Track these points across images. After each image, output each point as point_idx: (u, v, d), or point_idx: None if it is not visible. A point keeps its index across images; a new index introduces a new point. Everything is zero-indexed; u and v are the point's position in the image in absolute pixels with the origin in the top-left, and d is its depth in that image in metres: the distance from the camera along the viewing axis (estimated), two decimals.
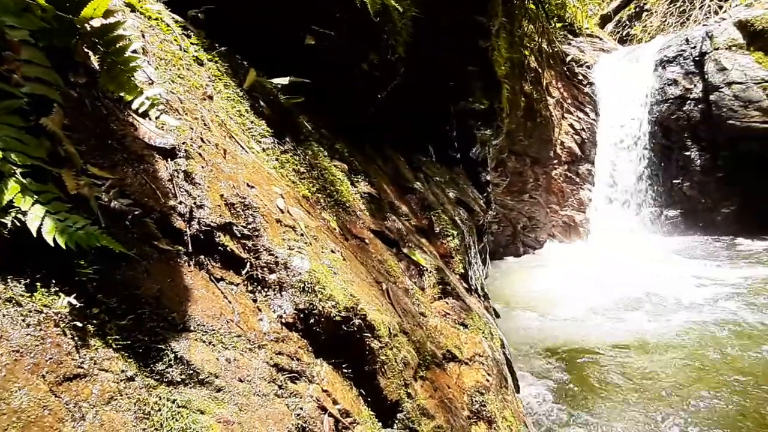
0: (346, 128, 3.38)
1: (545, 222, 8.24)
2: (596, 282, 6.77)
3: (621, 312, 5.82)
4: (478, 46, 5.23)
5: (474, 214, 3.96)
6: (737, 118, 8.06)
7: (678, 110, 8.56)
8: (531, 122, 8.13)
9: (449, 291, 2.83)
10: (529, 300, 6.35)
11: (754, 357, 4.45)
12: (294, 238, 1.96)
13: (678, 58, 8.69)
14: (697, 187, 8.45)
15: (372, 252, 2.55)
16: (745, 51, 8.21)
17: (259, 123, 2.56)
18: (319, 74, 3.26)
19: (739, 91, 8.09)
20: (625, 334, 5.25)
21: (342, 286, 1.92)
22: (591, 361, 4.65)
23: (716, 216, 8.34)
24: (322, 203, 2.53)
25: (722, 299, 5.87)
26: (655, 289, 6.40)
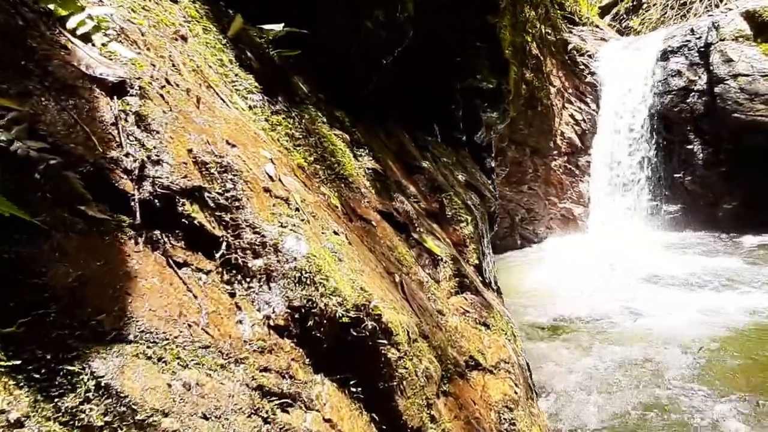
0: (346, 97, 2.88)
1: (544, 214, 7.82)
2: (595, 276, 6.37)
3: (623, 307, 5.41)
4: (486, 21, 4.77)
5: (485, 200, 3.49)
6: (742, 111, 7.69)
7: (681, 102, 8.17)
8: (532, 111, 7.68)
9: (467, 285, 2.36)
10: (529, 293, 5.92)
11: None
12: (287, 213, 1.47)
13: (682, 49, 8.28)
14: (699, 182, 8.08)
15: (380, 236, 2.07)
16: (752, 42, 7.83)
17: (246, 77, 2.05)
18: (319, 31, 2.76)
19: (745, 83, 7.72)
20: (632, 329, 4.85)
21: (350, 276, 1.44)
22: (597, 358, 4.22)
23: (718, 211, 7.98)
24: (321, 176, 2.04)
25: (722, 293, 5.50)
26: (656, 284, 6.01)
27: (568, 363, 4.18)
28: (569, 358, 4.25)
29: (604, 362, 4.20)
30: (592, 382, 3.84)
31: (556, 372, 4.05)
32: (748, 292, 5.43)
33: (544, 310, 5.20)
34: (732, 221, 7.80)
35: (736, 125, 7.83)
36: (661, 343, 4.36)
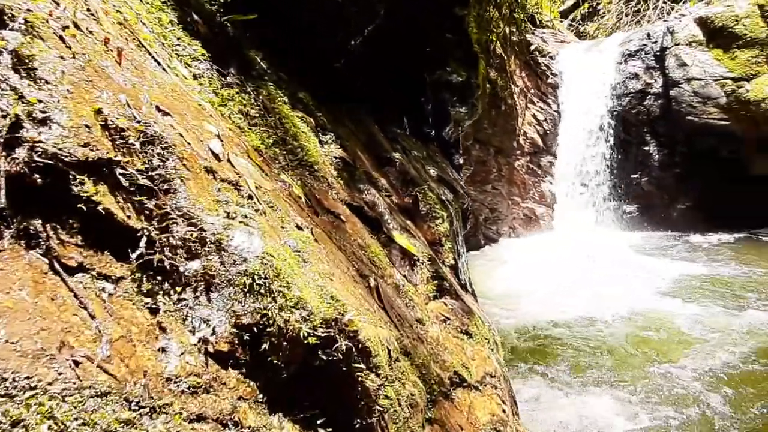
0: (311, 79, 2.54)
1: (507, 214, 7.66)
2: (558, 275, 6.23)
3: (584, 305, 5.24)
4: (454, 13, 4.51)
5: (458, 196, 3.22)
6: (696, 114, 7.75)
7: (638, 104, 8.18)
8: (496, 110, 7.50)
9: (446, 288, 2.06)
10: (494, 293, 5.71)
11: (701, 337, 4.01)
12: (237, 200, 1.12)
13: (639, 53, 8.30)
14: (655, 183, 8.10)
15: (350, 233, 1.74)
16: (705, 48, 7.90)
17: (190, 41, 1.68)
18: (280, 5, 2.41)
19: (698, 87, 7.78)
20: (591, 327, 4.68)
21: (317, 282, 1.10)
22: (559, 354, 4.00)
23: (672, 211, 8.03)
24: (281, 161, 1.69)
25: (675, 292, 5.42)
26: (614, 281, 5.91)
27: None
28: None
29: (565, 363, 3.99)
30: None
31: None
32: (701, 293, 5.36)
33: (511, 313, 4.99)
34: (686, 221, 7.85)
35: (690, 128, 7.88)
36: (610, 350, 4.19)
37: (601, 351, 3.95)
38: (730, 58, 7.76)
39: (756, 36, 7.56)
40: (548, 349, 3.91)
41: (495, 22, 8.06)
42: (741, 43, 7.68)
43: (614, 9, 11.42)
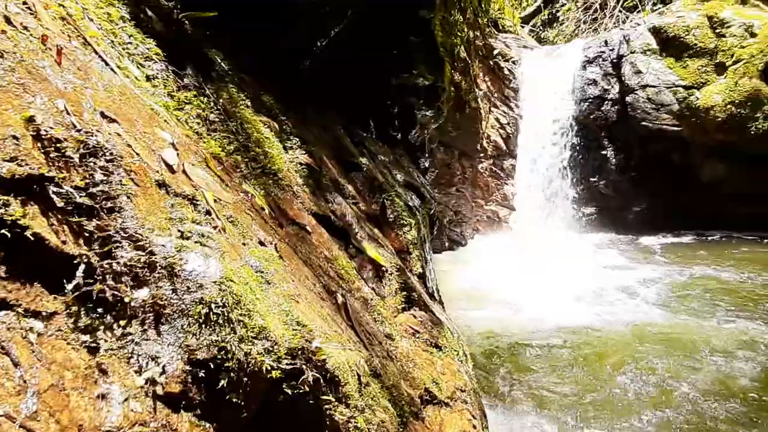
0: (276, 81, 2.42)
1: (470, 216, 7.68)
2: (521, 276, 6.28)
3: (547, 305, 5.29)
4: (420, 16, 4.46)
5: (426, 202, 3.16)
6: (650, 120, 7.98)
7: (597, 110, 8.36)
8: (460, 113, 7.51)
9: (415, 299, 1.99)
10: (458, 295, 5.69)
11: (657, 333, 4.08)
12: (192, 217, 1.01)
13: (597, 60, 8.48)
14: (612, 186, 8.30)
15: (317, 245, 1.64)
16: (659, 56, 8.14)
17: (144, 39, 1.55)
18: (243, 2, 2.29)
19: (652, 94, 8.01)
20: (553, 326, 4.70)
21: (282, 306, 1.01)
22: (524, 354, 3.99)
23: (628, 215, 8.24)
24: (243, 169, 1.58)
25: (631, 292, 5.55)
26: (576, 282, 5.99)
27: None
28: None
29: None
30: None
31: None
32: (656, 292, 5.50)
33: (475, 315, 4.98)
34: (640, 223, 8.07)
35: (644, 133, 8.10)
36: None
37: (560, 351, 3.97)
38: (682, 67, 8.02)
39: (705, 46, 7.84)
40: (512, 352, 3.89)
41: (459, 25, 8.07)
42: (692, 52, 7.95)
43: (573, 17, 11.67)
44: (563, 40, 11.45)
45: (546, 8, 12.31)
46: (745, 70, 7.39)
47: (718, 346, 3.79)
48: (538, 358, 3.74)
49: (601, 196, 8.35)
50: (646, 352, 3.72)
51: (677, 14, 8.22)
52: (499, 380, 3.34)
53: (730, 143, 7.52)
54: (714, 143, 7.64)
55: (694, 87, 7.83)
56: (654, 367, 3.53)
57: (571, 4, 12.29)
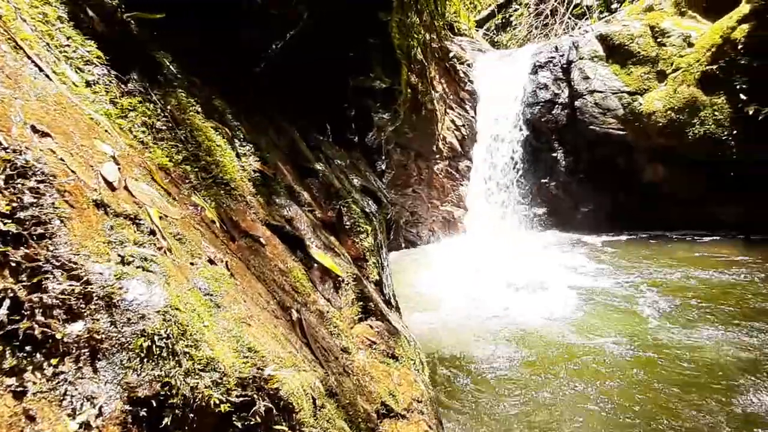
0: (227, 84, 2.33)
1: (426, 217, 7.73)
2: (475, 276, 6.38)
3: (500, 304, 5.39)
4: (378, 18, 4.43)
5: (382, 207, 3.13)
6: (597, 124, 8.26)
7: (548, 113, 8.58)
8: (416, 115, 7.54)
9: (371, 309, 1.96)
10: (414, 296, 5.72)
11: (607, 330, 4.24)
12: (135, 239, 0.95)
13: (548, 65, 8.71)
14: (562, 187, 8.55)
15: (270, 257, 1.59)
16: (605, 63, 8.44)
17: (84, 42, 1.45)
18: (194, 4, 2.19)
19: (599, 99, 8.29)
20: (507, 326, 4.79)
21: (232, 331, 0.96)
22: (478, 356, 4.04)
23: (576, 215, 8.51)
24: (193, 180, 1.51)
25: (578, 291, 5.72)
26: (526, 280, 6.13)
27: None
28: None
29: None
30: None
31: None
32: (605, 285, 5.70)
33: (429, 317, 5.01)
34: (588, 223, 8.35)
35: (592, 136, 8.38)
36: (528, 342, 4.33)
37: (510, 356, 4.04)
38: (627, 74, 8.35)
39: (648, 54, 8.18)
40: (463, 358, 3.93)
41: (416, 28, 8.11)
42: (635, 59, 8.28)
43: (525, 21, 11.94)
44: (516, 44, 11.71)
45: (500, 12, 12.54)
46: (683, 78, 7.76)
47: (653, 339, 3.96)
48: (487, 362, 3.79)
49: (552, 197, 8.60)
50: (590, 353, 3.84)
51: (622, 23, 8.54)
52: (453, 386, 3.37)
53: (671, 147, 7.88)
54: (655, 147, 7.99)
55: (638, 93, 8.16)
56: (592, 364, 3.65)
57: (523, 9, 12.58)
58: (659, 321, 4.39)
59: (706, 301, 4.71)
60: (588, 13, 11.42)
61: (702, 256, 6.47)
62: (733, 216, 7.53)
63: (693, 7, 8.01)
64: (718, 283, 5.26)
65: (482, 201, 8.40)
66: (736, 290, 4.97)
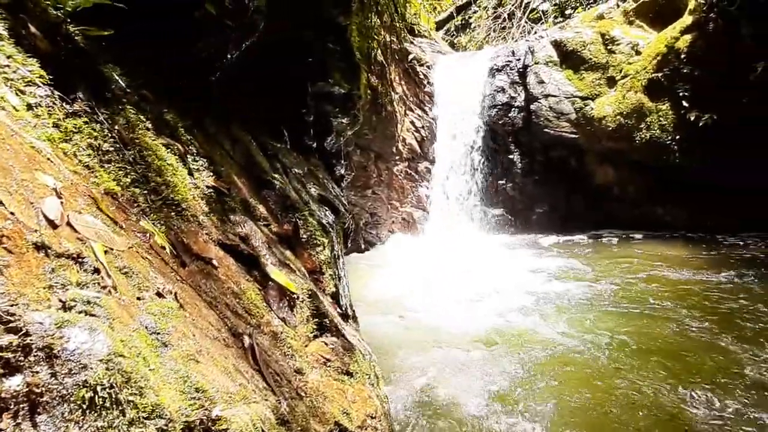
0: (180, 95, 2.29)
1: (386, 218, 7.78)
2: (434, 276, 6.48)
3: (452, 308, 5.49)
4: (337, 23, 4.42)
5: (340, 216, 3.14)
6: (551, 127, 8.51)
7: (505, 116, 8.77)
8: (376, 116, 7.57)
9: (326, 326, 1.98)
10: (374, 298, 5.76)
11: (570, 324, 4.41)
12: (78, 280, 0.93)
13: (506, 68, 8.90)
14: (518, 189, 8.77)
15: (223, 280, 1.58)
16: (559, 68, 8.69)
17: (26, 61, 1.40)
18: (144, 11, 2.13)
19: (553, 103, 8.54)
20: (461, 327, 4.88)
21: (179, 372, 0.96)
22: (429, 365, 4.10)
23: (532, 215, 8.75)
24: (142, 204, 1.48)
25: (529, 292, 5.89)
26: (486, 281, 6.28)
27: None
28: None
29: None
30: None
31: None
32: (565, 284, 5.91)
33: (387, 318, 5.05)
34: (543, 224, 8.60)
35: (546, 139, 8.63)
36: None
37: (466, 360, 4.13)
38: (579, 79, 8.62)
39: (599, 61, 8.48)
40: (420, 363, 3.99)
41: (376, 29, 8.11)
42: (587, 66, 8.57)
43: (484, 24, 12.14)
44: (475, 46, 11.90)
45: (459, 14, 12.70)
46: (631, 84, 8.08)
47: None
48: (440, 365, 3.86)
49: (509, 198, 8.81)
50: (539, 354, 3.97)
51: (575, 30, 8.81)
52: (406, 393, 3.41)
53: (620, 150, 8.20)
54: (605, 150, 8.30)
55: (589, 98, 8.45)
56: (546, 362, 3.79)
57: (482, 12, 12.78)
58: (611, 318, 4.58)
59: (661, 299, 4.93)
60: (544, 17, 11.72)
61: (648, 254, 6.78)
62: (677, 216, 7.92)
63: (641, 16, 8.35)
64: (667, 281, 5.52)
65: (441, 202, 8.52)
66: (687, 287, 5.25)
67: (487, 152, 8.78)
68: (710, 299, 4.84)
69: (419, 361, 3.89)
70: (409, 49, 8.76)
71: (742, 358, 3.60)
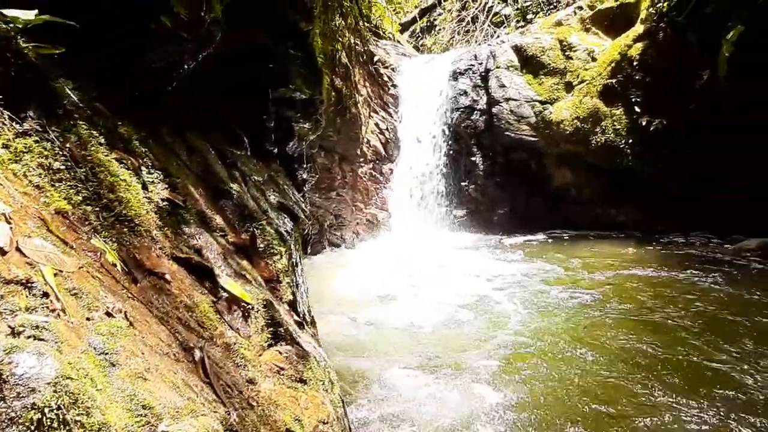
0: (135, 106, 2.30)
1: (351, 220, 7.84)
2: (396, 277, 6.59)
3: (412, 311, 5.59)
4: (299, 29, 4.46)
5: (299, 223, 3.20)
6: (512, 130, 8.73)
7: (467, 119, 8.96)
8: (341, 118, 7.61)
9: (281, 334, 2.04)
10: (339, 299, 5.82)
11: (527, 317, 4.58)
12: (26, 305, 0.98)
13: (468, 72, 9.08)
14: (480, 190, 8.97)
15: (176, 294, 1.63)
16: (520, 72, 8.92)
17: None
18: (97, 24, 2.14)
19: (514, 106, 8.77)
20: (421, 336, 4.98)
21: (127, 390, 1.01)
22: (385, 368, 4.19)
23: (493, 216, 8.97)
24: (93, 221, 1.51)
25: (501, 284, 6.07)
26: (449, 281, 6.43)
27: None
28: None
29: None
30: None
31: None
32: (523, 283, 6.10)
33: (347, 319, 5.13)
34: (503, 224, 8.84)
35: (507, 142, 8.86)
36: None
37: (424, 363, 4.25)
38: (539, 84, 8.89)
39: (557, 66, 8.76)
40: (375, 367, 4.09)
41: (341, 31, 8.16)
42: (546, 71, 8.83)
43: (448, 27, 12.33)
44: (440, 48, 12.08)
45: (424, 16, 12.86)
46: (587, 89, 8.38)
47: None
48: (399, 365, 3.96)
49: (471, 199, 9.02)
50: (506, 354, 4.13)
51: (535, 35, 9.06)
52: (364, 395, 3.50)
53: (577, 153, 8.50)
54: (563, 153, 8.59)
55: (548, 102, 8.72)
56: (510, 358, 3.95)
57: (447, 14, 12.97)
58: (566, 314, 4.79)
59: (607, 296, 5.17)
60: (506, 21, 11.99)
61: (602, 252, 7.07)
62: (630, 218, 8.27)
63: (596, 24, 8.66)
64: (617, 281, 5.78)
65: (405, 203, 8.65)
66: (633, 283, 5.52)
67: (450, 154, 8.96)
68: (656, 293, 5.13)
69: (379, 363, 3.99)
70: (374, 51, 8.84)
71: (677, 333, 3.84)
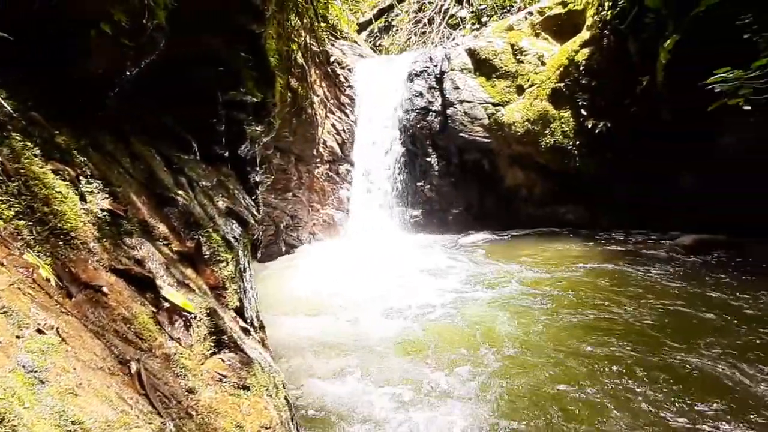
0: (76, 114, 2.28)
1: (307, 221, 7.85)
2: (356, 277, 6.66)
3: (381, 304, 5.69)
4: (250, 31, 4.45)
5: (248, 228, 3.21)
6: (466, 132, 8.93)
7: (423, 120, 9.10)
8: (297, 119, 7.60)
9: (225, 342, 2.07)
10: (293, 301, 5.84)
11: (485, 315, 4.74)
12: None
13: (423, 73, 9.22)
14: (435, 190, 9.13)
15: (113, 306, 1.64)
16: (473, 75, 9.13)
17: None
18: (36, 33, 2.11)
19: (468, 108, 8.97)
20: (374, 335, 5.06)
21: (56, 407, 1.04)
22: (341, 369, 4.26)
23: (448, 216, 9.15)
24: (26, 236, 1.51)
25: (458, 282, 6.20)
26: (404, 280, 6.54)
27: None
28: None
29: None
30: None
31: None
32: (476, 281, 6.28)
33: (299, 324, 5.16)
34: (458, 224, 9.03)
35: (462, 142, 9.05)
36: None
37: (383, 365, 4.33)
38: (492, 86, 9.12)
39: (509, 69, 9.01)
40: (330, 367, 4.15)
41: (297, 31, 8.14)
42: (499, 74, 9.08)
43: (405, 28, 12.46)
44: (397, 49, 12.19)
45: (382, 17, 12.93)
46: (537, 92, 8.66)
47: None
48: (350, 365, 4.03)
49: (427, 199, 9.18)
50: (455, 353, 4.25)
51: (488, 39, 9.29)
52: (312, 395, 3.56)
53: (528, 154, 8.78)
54: (515, 154, 8.85)
55: (501, 104, 8.96)
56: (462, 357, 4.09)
57: (404, 15, 13.10)
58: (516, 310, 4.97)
59: (558, 292, 5.40)
60: (462, 24, 12.22)
61: (551, 250, 7.34)
62: (578, 216, 8.61)
63: (546, 29, 8.96)
64: (563, 276, 6.03)
65: (362, 204, 8.72)
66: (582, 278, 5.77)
67: (407, 155, 9.08)
68: (601, 286, 5.40)
69: (328, 362, 4.05)
70: (331, 51, 8.85)
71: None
